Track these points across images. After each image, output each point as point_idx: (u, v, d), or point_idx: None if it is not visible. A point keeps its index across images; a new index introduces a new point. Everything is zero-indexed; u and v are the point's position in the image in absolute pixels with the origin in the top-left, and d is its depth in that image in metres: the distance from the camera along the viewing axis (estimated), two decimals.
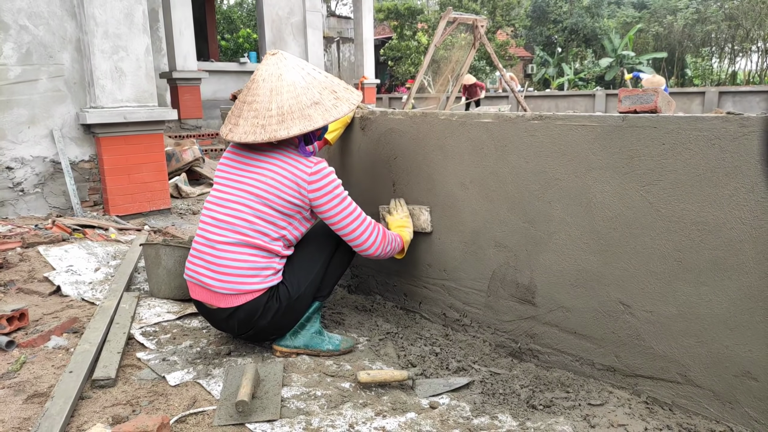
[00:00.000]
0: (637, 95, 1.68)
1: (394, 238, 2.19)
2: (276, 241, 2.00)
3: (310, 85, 2.02)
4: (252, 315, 1.98)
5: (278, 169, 1.98)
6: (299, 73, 2.02)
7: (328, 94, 2.04)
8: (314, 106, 1.99)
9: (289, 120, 1.95)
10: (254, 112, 1.98)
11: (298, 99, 1.98)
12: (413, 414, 1.73)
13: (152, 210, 4.90)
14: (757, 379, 1.56)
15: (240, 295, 1.96)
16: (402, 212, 2.37)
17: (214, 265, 1.97)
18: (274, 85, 1.98)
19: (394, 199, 2.44)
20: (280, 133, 1.93)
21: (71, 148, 4.52)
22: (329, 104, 2.02)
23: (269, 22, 10.21)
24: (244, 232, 1.96)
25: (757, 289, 1.52)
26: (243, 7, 27.66)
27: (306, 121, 1.96)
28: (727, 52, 29.93)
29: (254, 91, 2.01)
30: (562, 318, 1.98)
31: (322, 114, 1.99)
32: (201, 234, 2.03)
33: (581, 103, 17.68)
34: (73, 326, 2.36)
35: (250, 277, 1.95)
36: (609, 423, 1.68)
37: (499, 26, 25.15)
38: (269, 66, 2.02)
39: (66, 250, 3.38)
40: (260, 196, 1.96)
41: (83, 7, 4.28)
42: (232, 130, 2.03)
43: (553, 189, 1.92)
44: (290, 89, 1.98)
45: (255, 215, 1.96)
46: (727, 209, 1.55)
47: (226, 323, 2.05)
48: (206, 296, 2.02)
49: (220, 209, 2.01)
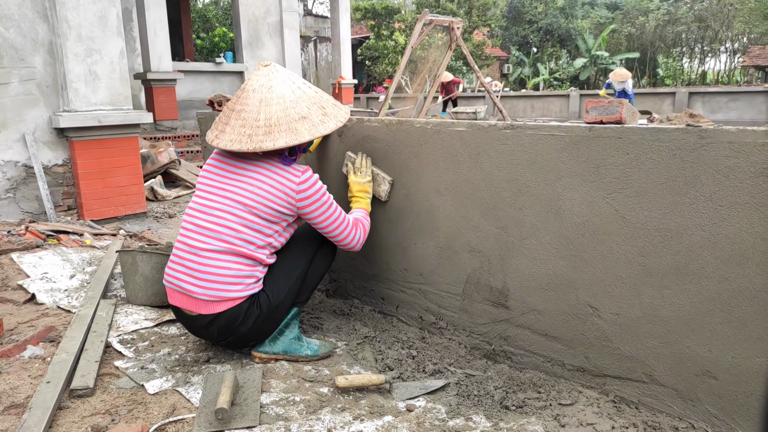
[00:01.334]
0: (603, 106, 1.75)
1: (366, 221, 2.27)
2: (261, 249, 2.02)
3: (300, 99, 2.05)
4: (233, 322, 2.00)
5: (266, 179, 2.00)
6: (290, 87, 2.05)
7: (317, 110, 2.07)
8: (302, 121, 2.02)
9: (276, 132, 1.98)
10: (242, 121, 2.01)
11: (287, 112, 2.01)
12: (390, 417, 1.77)
13: (128, 214, 4.86)
14: (716, 378, 1.64)
15: (221, 302, 1.98)
16: (367, 175, 2.40)
17: (196, 271, 1.98)
18: (264, 96, 2.01)
19: (362, 154, 2.45)
20: (265, 144, 1.96)
21: (44, 152, 4.46)
22: (316, 120, 2.05)
23: (245, 22, 10.15)
24: (228, 240, 1.97)
25: (715, 292, 1.60)
26: (218, 5, 27.39)
27: (292, 135, 1.99)
28: (697, 52, 30.63)
29: (243, 100, 2.03)
30: (534, 320, 2.04)
31: (308, 129, 2.02)
32: (182, 240, 2.04)
33: (556, 103, 17.94)
34: (49, 335, 2.35)
35: (232, 284, 1.97)
36: (578, 422, 1.74)
37: (476, 26, 25.34)
38: (260, 77, 2.05)
39: (40, 257, 3.35)
40: (246, 204, 1.98)
41: (55, 10, 4.23)
42: (218, 136, 2.05)
43: (525, 196, 1.98)
44: (279, 101, 2.01)
45: (241, 223, 1.98)
46: (687, 216, 1.62)
47: (205, 330, 2.06)
48: (186, 303, 2.03)
49: (203, 216, 2.02)
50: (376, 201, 2.47)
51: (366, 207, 2.34)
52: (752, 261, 1.53)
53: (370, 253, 2.60)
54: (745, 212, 1.52)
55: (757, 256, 1.52)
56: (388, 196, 2.43)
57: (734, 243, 1.55)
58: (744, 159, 1.51)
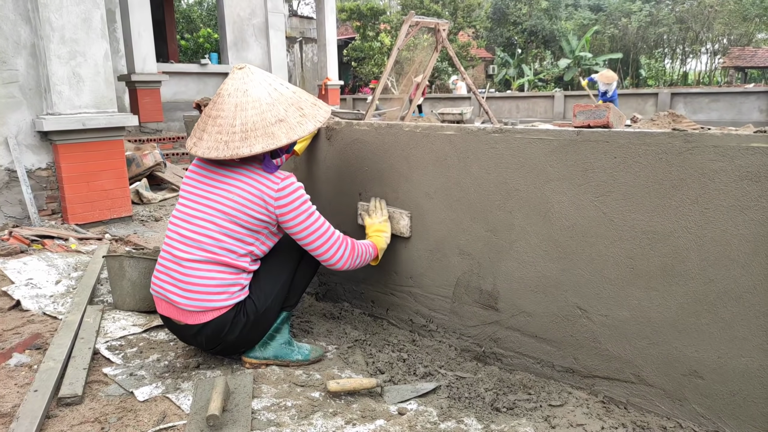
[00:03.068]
0: (591, 111, 1.77)
1: (366, 249, 2.20)
2: (243, 258, 2.01)
3: (276, 101, 2.01)
4: (220, 331, 1.99)
5: (244, 186, 1.97)
6: (266, 89, 2.01)
7: (294, 111, 2.03)
8: (278, 124, 1.98)
9: (252, 138, 1.94)
10: (218, 128, 1.98)
11: (263, 116, 1.97)
12: (382, 421, 1.77)
13: (113, 218, 4.80)
14: (703, 378, 1.67)
15: (207, 312, 1.97)
16: (381, 216, 2.36)
17: (181, 282, 1.97)
18: (240, 101, 1.97)
19: (375, 198, 2.42)
20: (242, 150, 1.92)
21: (27, 155, 4.40)
22: (294, 122, 2.01)
23: (230, 24, 10.10)
24: (211, 249, 1.96)
25: (702, 293, 1.63)
26: (203, 6, 27.20)
27: (269, 139, 1.95)
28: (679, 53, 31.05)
29: (219, 105, 2.00)
30: (524, 322, 2.06)
31: (286, 132, 1.98)
32: (167, 250, 2.03)
33: (541, 104, 18.06)
34: (35, 342, 2.32)
35: (217, 294, 1.96)
36: (569, 423, 1.76)
37: (461, 27, 25.46)
38: (235, 80, 2.01)
39: (25, 263, 3.30)
40: (227, 213, 1.96)
41: (38, 12, 4.17)
42: (196, 144, 2.02)
43: (514, 199, 2.00)
44: (255, 105, 1.97)
45: (222, 233, 1.97)
46: (674, 219, 1.65)
47: (194, 339, 2.06)
48: (173, 312, 2.02)
49: (186, 225, 2.01)
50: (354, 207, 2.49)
51: (377, 243, 2.28)
52: (737, 263, 1.56)
53: None
54: (730, 215, 1.55)
55: (742, 258, 1.55)
56: (410, 230, 2.35)
57: (720, 245, 1.58)
58: (729, 162, 1.54)
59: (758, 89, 15.63)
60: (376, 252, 2.26)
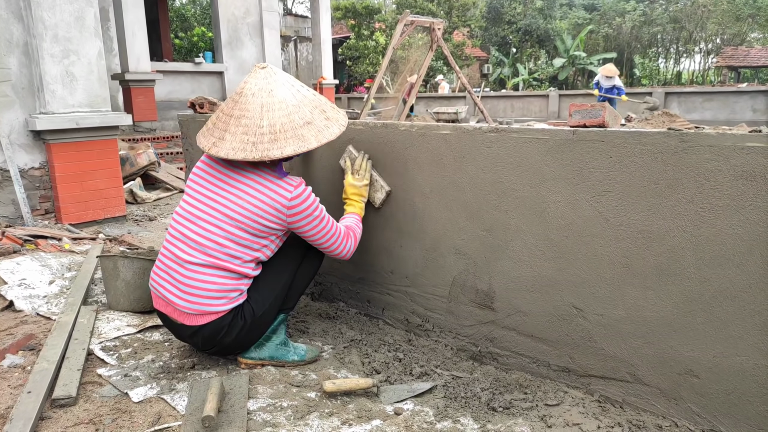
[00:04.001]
0: (586, 110, 1.77)
1: (358, 227, 2.23)
2: (247, 264, 1.98)
3: (301, 103, 1.97)
4: (216, 333, 1.98)
5: (256, 193, 1.92)
6: (289, 90, 1.97)
7: (319, 114, 2.00)
8: (306, 126, 1.94)
9: (282, 140, 1.89)
10: (243, 128, 1.90)
11: (290, 117, 1.92)
12: (378, 421, 1.77)
13: (107, 217, 4.78)
14: (698, 377, 1.67)
15: (204, 315, 1.96)
16: (365, 179, 2.32)
17: (181, 284, 1.94)
18: (265, 101, 1.91)
19: (364, 156, 2.36)
20: (273, 152, 1.87)
21: (20, 155, 4.37)
22: (321, 125, 1.98)
23: (225, 22, 10.06)
24: (215, 255, 1.92)
25: (697, 293, 1.63)
26: (197, 4, 27.11)
27: (300, 142, 1.91)
28: (672, 53, 31.17)
29: (243, 105, 1.92)
30: (520, 322, 2.06)
31: (315, 135, 1.95)
32: (169, 248, 2.00)
33: (536, 103, 18.10)
34: (29, 343, 2.30)
35: (216, 299, 1.94)
36: (565, 422, 1.76)
37: (456, 27, 25.48)
38: (259, 80, 1.95)
39: (18, 263, 3.28)
40: (235, 219, 1.92)
41: (30, 10, 4.14)
42: (216, 144, 1.93)
43: (510, 198, 2.00)
44: (282, 107, 1.92)
45: (229, 238, 1.93)
46: (669, 218, 1.65)
47: (190, 339, 2.05)
48: (170, 310, 2.01)
49: (191, 226, 1.97)
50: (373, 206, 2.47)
51: (359, 212, 2.30)
52: (732, 262, 1.56)
53: (355, 255, 2.59)
54: (725, 214, 1.56)
55: (737, 258, 1.55)
56: (382, 204, 2.41)
57: (715, 244, 1.58)
58: (724, 162, 1.54)
59: (751, 89, 15.72)
60: (360, 222, 2.29)
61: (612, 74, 11.54)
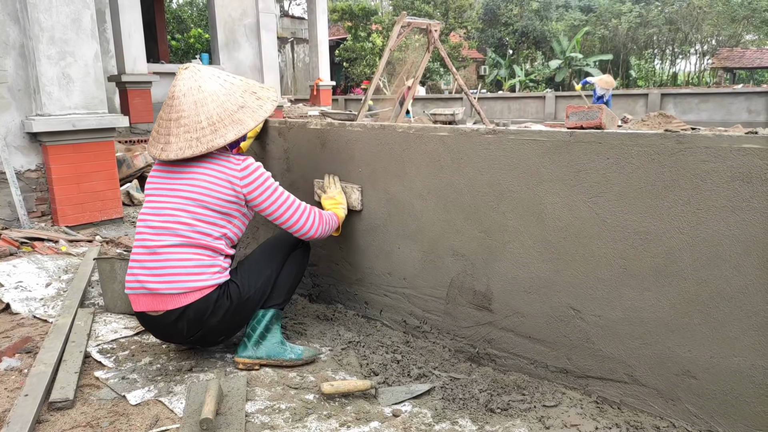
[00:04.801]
0: (583, 112, 1.78)
1: (330, 217, 2.30)
2: (218, 240, 2.04)
3: (231, 91, 2.09)
4: (203, 313, 1.99)
5: (210, 172, 2.03)
6: (217, 82, 2.09)
7: (250, 96, 2.13)
8: (241, 110, 2.08)
9: (222, 128, 2.02)
10: (184, 127, 2.02)
11: (224, 106, 2.05)
12: (377, 423, 1.77)
13: (104, 219, 4.77)
14: (696, 377, 1.68)
15: (189, 293, 1.97)
16: (335, 189, 2.46)
17: (157, 269, 1.98)
18: (197, 98, 2.04)
19: (328, 175, 2.53)
20: (216, 141, 2.00)
21: (16, 157, 4.36)
22: (254, 105, 2.12)
23: (221, 24, 10.06)
24: (184, 234, 1.99)
25: (694, 294, 1.64)
26: (193, 6, 27.08)
27: (239, 126, 2.05)
28: (668, 54, 31.27)
29: (178, 107, 2.04)
30: (518, 323, 2.06)
31: (251, 115, 2.09)
32: (139, 243, 2.04)
33: (532, 104, 18.14)
34: (26, 346, 2.30)
35: (197, 274, 1.98)
36: (563, 423, 1.76)
37: (452, 28, 25.52)
38: (186, 80, 2.07)
39: (14, 265, 3.27)
40: (196, 199, 2.01)
41: (27, 12, 4.13)
42: (164, 149, 2.05)
43: (507, 200, 2.00)
44: (214, 98, 2.05)
45: (194, 218, 2.00)
46: (666, 220, 1.66)
47: (174, 327, 2.02)
48: (152, 303, 2.00)
49: (156, 217, 2.03)
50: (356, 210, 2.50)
51: (339, 213, 2.38)
52: (729, 263, 1.57)
53: (353, 257, 2.60)
54: (722, 215, 1.56)
55: (733, 259, 1.56)
56: (362, 204, 2.46)
57: (712, 245, 1.59)
58: (720, 163, 1.55)
59: (746, 90, 15.80)
60: (338, 221, 2.35)
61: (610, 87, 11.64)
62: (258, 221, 3.00)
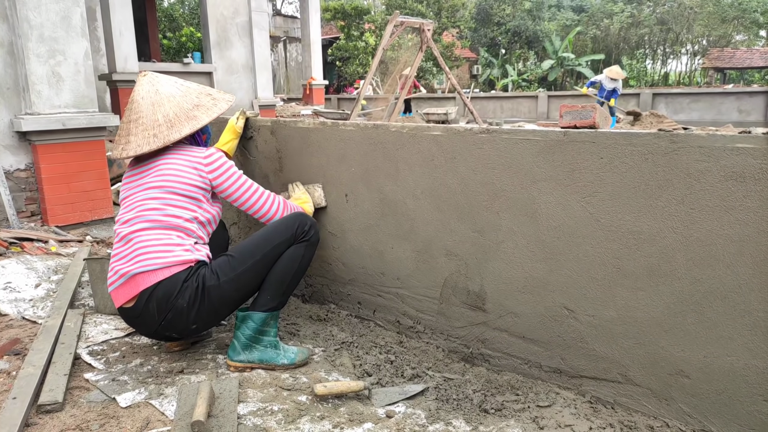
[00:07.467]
0: (577, 111, 1.77)
1: (295, 206, 2.38)
2: (189, 222, 2.09)
3: (186, 93, 2.25)
4: (170, 293, 1.95)
5: (175, 160, 2.14)
6: (173, 86, 2.24)
7: (205, 97, 2.28)
8: (196, 108, 2.22)
9: (178, 124, 2.16)
10: (143, 127, 2.15)
11: (180, 106, 2.20)
12: (370, 424, 1.76)
13: (94, 219, 4.72)
14: (689, 377, 1.68)
15: (159, 270, 1.96)
16: (299, 191, 2.57)
17: (131, 252, 2.01)
18: (154, 100, 2.18)
19: (291, 183, 2.66)
20: (172, 136, 2.13)
21: (5, 156, 4.31)
22: (209, 104, 2.26)
23: (213, 23, 9.99)
24: (155, 218, 2.04)
25: (688, 293, 1.64)
26: (185, 4, 26.94)
27: (193, 121, 2.18)
28: (660, 54, 31.45)
29: (137, 109, 2.18)
30: (511, 323, 2.06)
31: (205, 112, 2.23)
32: (116, 240, 2.10)
33: (525, 104, 18.18)
34: (14, 348, 2.27)
35: (166, 252, 1.99)
36: (557, 424, 1.76)
37: (445, 28, 25.53)
38: (144, 85, 2.22)
39: (3, 266, 3.23)
40: (164, 187, 2.09)
41: (15, 9, 4.08)
42: (124, 148, 2.16)
43: (501, 200, 1.99)
44: (170, 99, 2.20)
45: (164, 203, 2.07)
46: (660, 219, 1.66)
47: (146, 309, 1.97)
48: (128, 291, 1.98)
49: (129, 212, 2.09)
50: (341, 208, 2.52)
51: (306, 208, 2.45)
52: (722, 262, 1.57)
53: (346, 257, 2.59)
54: (716, 215, 1.56)
55: (727, 258, 1.56)
56: (325, 200, 2.58)
57: (705, 245, 1.59)
58: (714, 163, 1.55)
59: (737, 90, 15.91)
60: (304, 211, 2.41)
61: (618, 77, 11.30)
62: (251, 223, 2.98)
